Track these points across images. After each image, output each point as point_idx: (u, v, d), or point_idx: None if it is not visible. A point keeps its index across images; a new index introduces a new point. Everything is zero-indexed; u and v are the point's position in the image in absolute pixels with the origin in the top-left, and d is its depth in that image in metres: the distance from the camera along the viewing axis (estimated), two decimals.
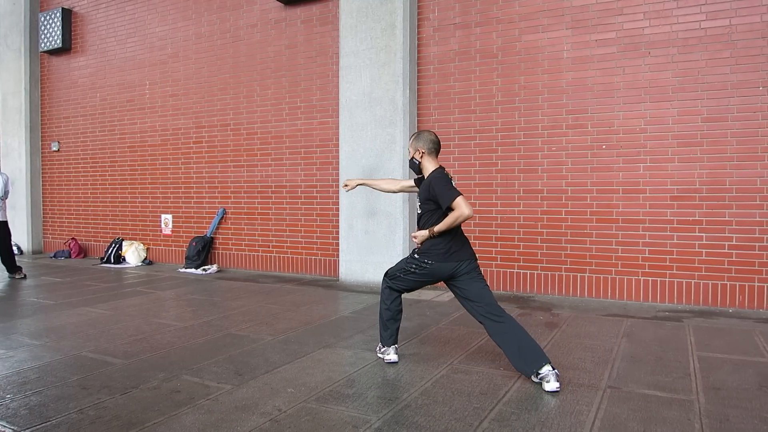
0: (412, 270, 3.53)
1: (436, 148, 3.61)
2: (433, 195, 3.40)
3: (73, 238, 9.78)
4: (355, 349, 3.96)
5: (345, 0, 6.80)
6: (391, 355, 3.62)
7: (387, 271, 3.68)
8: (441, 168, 3.56)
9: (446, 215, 3.36)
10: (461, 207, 3.26)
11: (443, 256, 3.42)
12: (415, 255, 3.53)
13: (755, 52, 5.22)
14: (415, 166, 3.63)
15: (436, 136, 3.64)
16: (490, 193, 6.32)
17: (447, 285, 3.56)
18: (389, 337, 3.63)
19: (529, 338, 3.25)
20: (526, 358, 3.19)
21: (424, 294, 6.03)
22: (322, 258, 7.47)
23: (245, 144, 8.06)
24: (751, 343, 4.11)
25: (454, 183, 3.47)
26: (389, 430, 2.58)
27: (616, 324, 4.73)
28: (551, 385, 3.06)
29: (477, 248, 6.41)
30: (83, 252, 9.79)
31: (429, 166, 3.57)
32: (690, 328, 4.57)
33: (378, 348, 3.75)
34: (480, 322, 3.42)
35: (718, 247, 5.38)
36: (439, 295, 6.04)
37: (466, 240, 3.55)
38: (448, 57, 6.55)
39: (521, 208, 6.18)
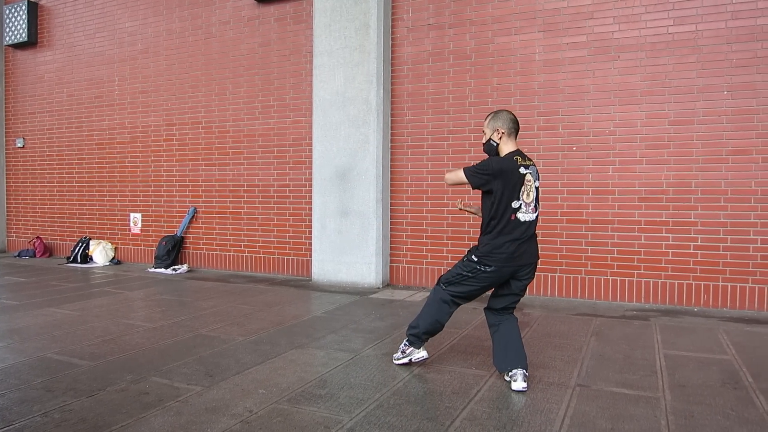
0: (470, 275, 3.24)
1: (515, 128, 3.25)
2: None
3: (38, 237, 9.52)
4: (327, 349, 3.94)
5: None
6: (422, 352, 3.51)
7: (440, 278, 3.42)
8: (515, 151, 3.21)
9: (485, 201, 3.24)
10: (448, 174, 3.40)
11: (505, 261, 3.14)
12: (473, 257, 3.23)
13: (720, 57, 5.36)
14: (493, 149, 3.26)
15: (515, 116, 3.29)
16: (463, 193, 6.35)
17: None
18: (420, 342, 3.50)
19: (519, 342, 3.24)
20: (507, 357, 3.20)
21: (397, 294, 6.04)
22: (295, 258, 7.42)
23: (217, 142, 7.96)
24: (715, 341, 4.22)
25: (530, 171, 3.15)
26: (361, 430, 2.58)
27: (586, 323, 4.81)
28: (518, 384, 3.09)
29: (449, 248, 6.46)
30: (49, 251, 9.54)
31: (506, 149, 3.24)
32: (657, 327, 4.67)
33: (402, 350, 3.55)
34: (483, 310, 3.45)
35: (683, 248, 5.51)
36: (411, 295, 6.06)
37: (532, 239, 3.22)
38: (422, 57, 6.57)
39: None
